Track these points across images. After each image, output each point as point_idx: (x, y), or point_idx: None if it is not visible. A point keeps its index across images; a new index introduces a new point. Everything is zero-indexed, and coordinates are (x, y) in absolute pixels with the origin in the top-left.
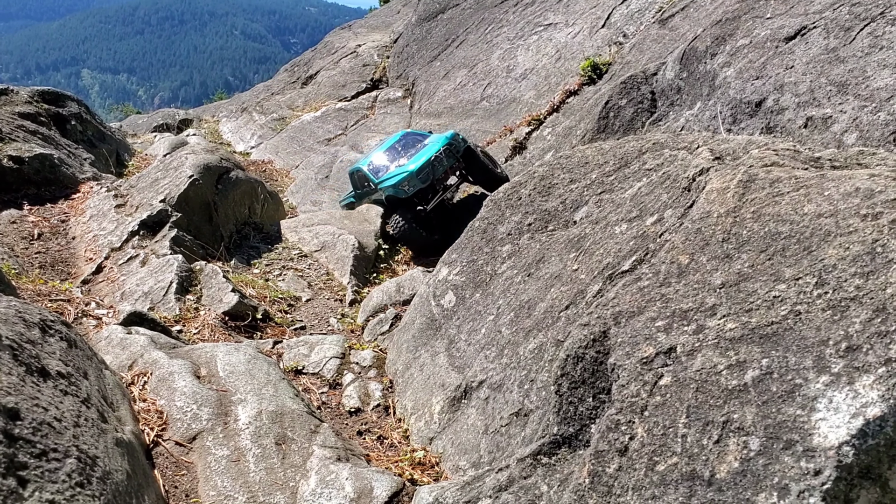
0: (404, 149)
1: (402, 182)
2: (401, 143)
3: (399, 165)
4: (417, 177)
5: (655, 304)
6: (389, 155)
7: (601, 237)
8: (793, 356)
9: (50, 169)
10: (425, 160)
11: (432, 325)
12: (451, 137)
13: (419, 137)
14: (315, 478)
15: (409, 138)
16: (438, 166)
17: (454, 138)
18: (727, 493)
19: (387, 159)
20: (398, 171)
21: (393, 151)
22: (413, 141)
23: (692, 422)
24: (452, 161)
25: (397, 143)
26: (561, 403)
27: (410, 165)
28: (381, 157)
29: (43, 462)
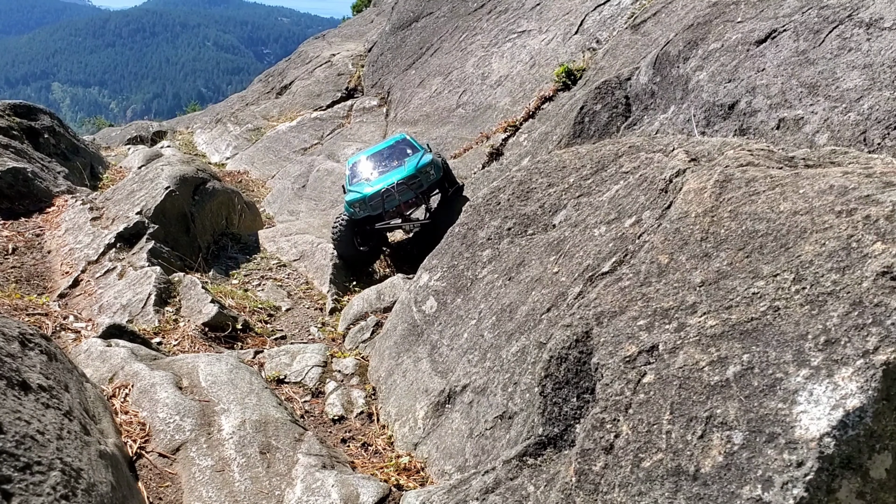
0: (387, 159)
1: (355, 202)
2: (390, 150)
3: (367, 179)
4: (368, 203)
5: (637, 304)
6: (372, 161)
7: (580, 240)
8: (773, 351)
9: (23, 183)
10: (381, 188)
11: (414, 331)
12: (422, 167)
13: (408, 150)
14: (301, 486)
15: (399, 148)
16: (389, 200)
17: (424, 168)
18: (712, 487)
19: (367, 165)
20: (361, 185)
21: (377, 158)
22: (400, 153)
23: (676, 418)
24: (410, 195)
25: (386, 150)
26: (545, 404)
27: (367, 188)
28: (366, 161)
29: (27, 475)
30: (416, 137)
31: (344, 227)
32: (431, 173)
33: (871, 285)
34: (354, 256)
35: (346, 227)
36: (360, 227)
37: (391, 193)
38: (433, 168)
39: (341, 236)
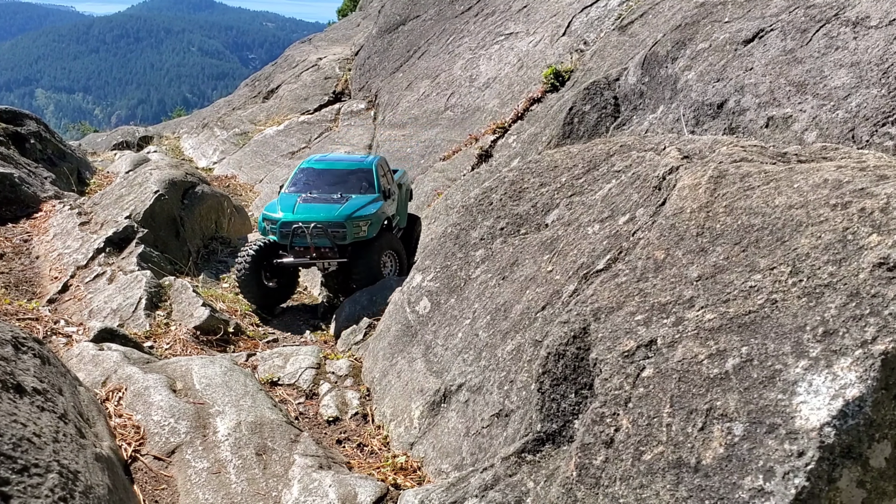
0: (335, 185)
1: (267, 219)
2: (348, 174)
3: (296, 199)
4: (280, 229)
5: (634, 299)
6: (319, 178)
7: (574, 238)
8: (771, 343)
9: (10, 188)
10: (296, 220)
11: (408, 331)
12: (355, 218)
13: (363, 185)
14: (298, 486)
15: (358, 176)
16: (298, 238)
17: (357, 221)
18: (714, 479)
19: (310, 179)
20: (287, 203)
21: (327, 178)
22: (354, 184)
23: (676, 411)
24: (326, 244)
25: (344, 172)
26: (543, 401)
27: (285, 212)
28: (313, 174)
29: (25, 477)
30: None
31: (249, 260)
32: (363, 230)
33: (868, 276)
34: (258, 295)
35: (252, 260)
36: (268, 260)
37: (303, 232)
38: (368, 225)
39: (245, 271)
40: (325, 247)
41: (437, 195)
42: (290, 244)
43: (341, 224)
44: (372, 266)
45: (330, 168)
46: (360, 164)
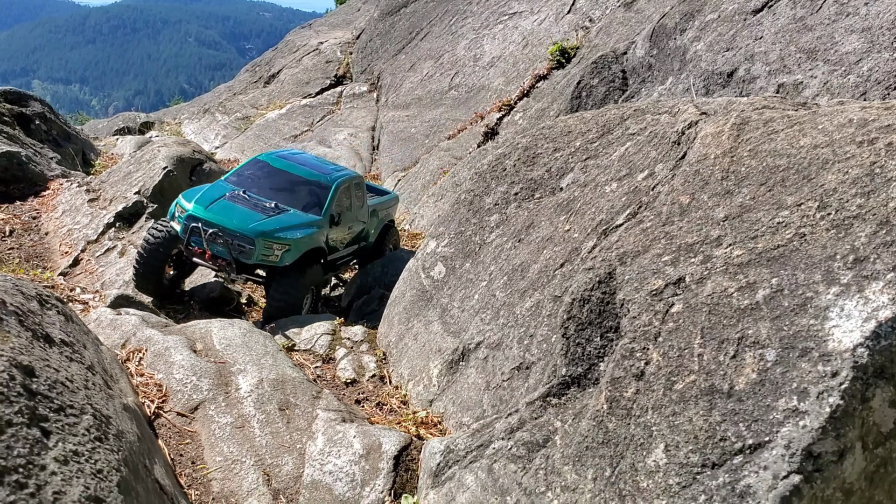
0: (279, 192)
1: (181, 207)
2: (303, 184)
3: (220, 194)
4: (184, 221)
5: (660, 242)
6: (265, 179)
7: (592, 197)
8: (801, 273)
9: (18, 167)
10: (200, 219)
11: (423, 296)
12: (271, 237)
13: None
14: (322, 438)
15: (312, 191)
16: (193, 238)
17: (270, 242)
18: (747, 403)
19: (253, 177)
20: (208, 194)
21: (275, 180)
22: (303, 198)
23: (707, 342)
24: (225, 255)
25: (299, 179)
26: (568, 346)
27: (197, 205)
28: (262, 172)
29: (62, 416)
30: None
31: (152, 251)
32: (275, 254)
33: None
34: (155, 288)
35: (156, 252)
36: (167, 246)
37: (199, 234)
38: (284, 251)
39: (146, 262)
40: (222, 258)
41: (443, 173)
42: (187, 242)
43: (249, 240)
44: (290, 301)
45: (285, 170)
46: (322, 176)
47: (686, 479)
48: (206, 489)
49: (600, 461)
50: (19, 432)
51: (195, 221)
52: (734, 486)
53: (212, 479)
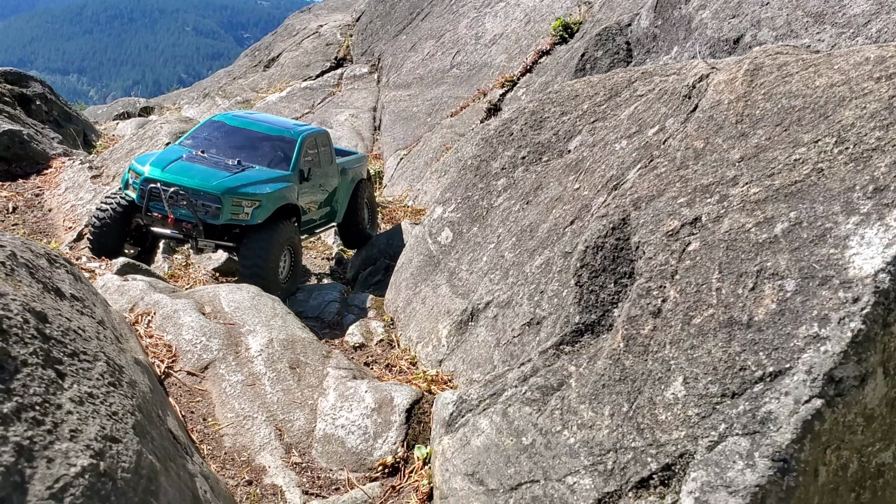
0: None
1: (133, 170)
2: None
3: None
4: (140, 185)
5: (675, 185)
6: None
7: (601, 156)
8: (820, 206)
9: (20, 145)
10: (156, 176)
11: (431, 261)
12: (239, 193)
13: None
14: (333, 394)
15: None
16: (153, 203)
17: (239, 199)
18: (767, 332)
19: (210, 137)
20: (163, 157)
21: (235, 138)
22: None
23: (725, 276)
24: (189, 217)
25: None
26: (582, 293)
27: (154, 167)
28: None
29: (76, 361)
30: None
31: (107, 220)
32: (245, 212)
33: None
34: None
35: (111, 221)
36: (131, 221)
37: (158, 197)
38: (255, 207)
39: (105, 224)
40: (187, 221)
41: (445, 150)
42: (146, 209)
43: (215, 198)
44: (263, 263)
45: (243, 127)
46: (285, 130)
47: (705, 409)
48: (219, 444)
49: (617, 397)
50: (34, 372)
51: (153, 183)
52: (755, 413)
53: (224, 435)
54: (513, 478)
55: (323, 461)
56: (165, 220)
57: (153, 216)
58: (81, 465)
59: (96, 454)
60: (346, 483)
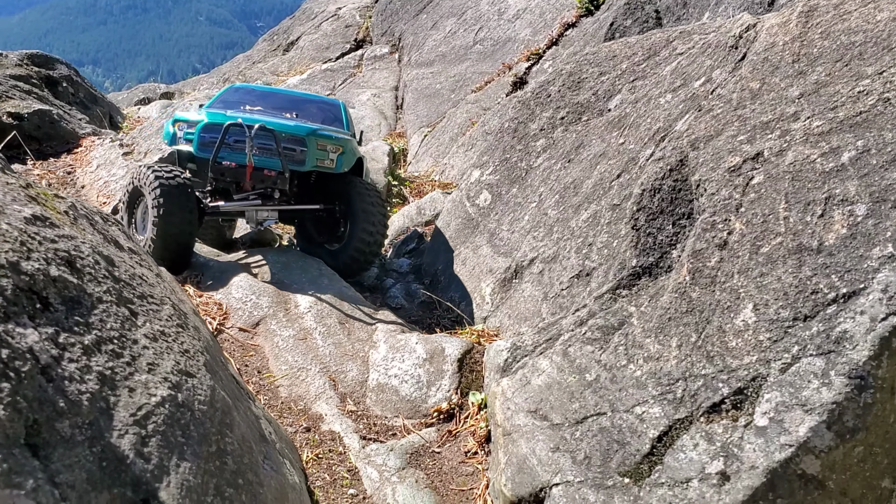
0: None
1: (182, 121)
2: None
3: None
4: (201, 133)
5: (733, 125)
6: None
7: (645, 110)
8: (889, 133)
9: (50, 125)
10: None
11: (469, 224)
12: (322, 136)
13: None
14: (384, 346)
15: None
16: (234, 150)
17: (324, 142)
18: (838, 256)
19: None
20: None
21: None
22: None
23: (792, 205)
24: (274, 165)
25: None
26: (639, 237)
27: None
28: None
29: (145, 302)
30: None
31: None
32: (330, 158)
33: None
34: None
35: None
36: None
37: (239, 140)
38: (339, 154)
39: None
40: (272, 170)
41: (471, 124)
42: (215, 159)
43: (299, 139)
44: (381, 236)
45: (278, 92)
46: (323, 97)
47: (777, 333)
48: (275, 394)
49: (685, 329)
50: (109, 309)
51: (221, 126)
52: (829, 333)
53: (279, 386)
54: (578, 412)
55: (378, 409)
56: (240, 169)
57: (225, 166)
58: (161, 396)
59: (173, 386)
60: (402, 429)
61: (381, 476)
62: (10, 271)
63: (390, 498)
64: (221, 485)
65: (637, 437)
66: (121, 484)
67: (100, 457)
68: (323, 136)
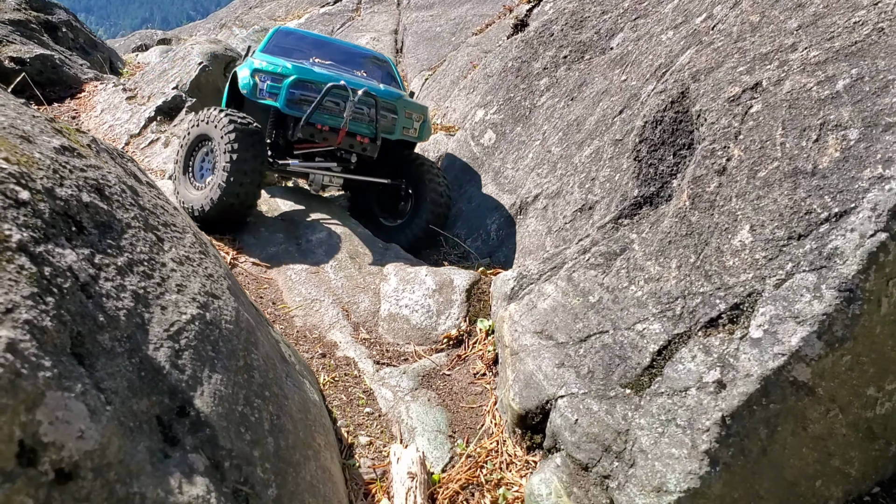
0: (353, 65)
1: (271, 75)
2: (362, 58)
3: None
4: (290, 90)
5: (733, 57)
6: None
7: (647, 47)
8: (882, 61)
9: (52, 69)
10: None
11: (474, 163)
12: (409, 107)
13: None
14: (395, 279)
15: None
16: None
17: (410, 111)
18: (831, 178)
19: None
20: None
21: (337, 52)
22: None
23: (788, 131)
24: (370, 133)
25: (355, 52)
26: (640, 167)
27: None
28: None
29: (169, 230)
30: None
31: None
32: (415, 127)
33: None
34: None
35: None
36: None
37: (338, 102)
38: (421, 123)
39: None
40: (366, 136)
41: (472, 67)
42: (306, 120)
43: (391, 106)
44: (443, 215)
45: (329, 42)
46: (371, 52)
47: (772, 252)
48: (290, 324)
49: (684, 251)
50: (138, 234)
51: (316, 85)
52: (821, 250)
53: (294, 316)
54: (581, 331)
55: (390, 337)
56: (332, 133)
57: (315, 128)
58: (190, 314)
59: (201, 306)
60: (414, 354)
61: (395, 396)
62: (47, 196)
63: (404, 415)
64: (250, 395)
65: (638, 351)
66: (159, 392)
67: (138, 367)
68: (410, 104)
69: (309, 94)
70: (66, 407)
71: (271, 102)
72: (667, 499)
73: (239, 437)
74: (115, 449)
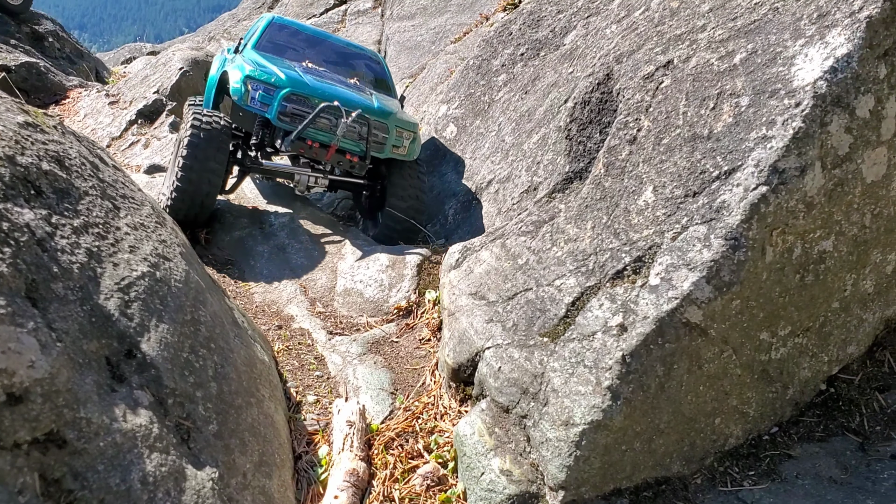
0: (339, 66)
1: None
2: (349, 58)
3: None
4: (282, 103)
5: (653, 39)
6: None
7: (593, 41)
8: (773, 36)
9: (37, 76)
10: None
11: (437, 154)
12: (401, 122)
13: (381, 80)
14: (352, 257)
15: (366, 65)
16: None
17: (403, 127)
18: (724, 140)
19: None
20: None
21: (323, 51)
22: (366, 74)
23: (691, 101)
24: (358, 150)
25: (346, 50)
26: (571, 146)
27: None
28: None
29: (127, 201)
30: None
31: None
32: (405, 145)
33: None
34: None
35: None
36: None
37: (331, 120)
38: (411, 141)
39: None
40: (355, 155)
41: (450, 73)
42: (298, 135)
43: (383, 125)
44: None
45: (323, 38)
46: (362, 47)
47: (671, 209)
48: (250, 300)
49: (598, 213)
50: (95, 201)
51: (309, 102)
52: (711, 204)
53: (254, 293)
54: (509, 290)
55: (344, 310)
56: (322, 149)
57: (305, 144)
58: (141, 271)
59: (152, 266)
60: (366, 325)
61: (344, 360)
62: (7, 163)
63: (351, 376)
64: (195, 345)
65: (555, 304)
66: (108, 336)
67: (89, 313)
68: (401, 123)
69: (301, 109)
70: (18, 340)
71: (262, 112)
72: (573, 430)
73: (183, 379)
74: (65, 379)
